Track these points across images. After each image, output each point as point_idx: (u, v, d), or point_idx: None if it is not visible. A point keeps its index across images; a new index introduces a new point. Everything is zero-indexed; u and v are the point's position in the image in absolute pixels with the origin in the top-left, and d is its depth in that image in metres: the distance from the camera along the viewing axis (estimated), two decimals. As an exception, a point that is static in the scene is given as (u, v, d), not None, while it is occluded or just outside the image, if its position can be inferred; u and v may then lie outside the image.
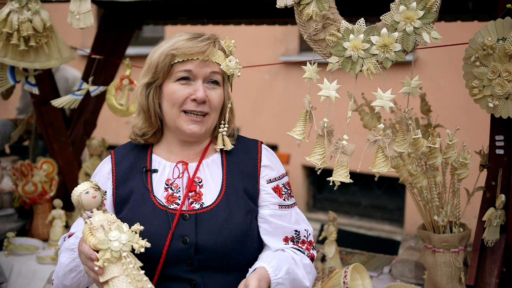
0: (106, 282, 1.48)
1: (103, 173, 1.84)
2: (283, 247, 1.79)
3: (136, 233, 1.52)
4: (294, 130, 1.87)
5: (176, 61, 1.72)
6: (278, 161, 1.89)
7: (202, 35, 1.75)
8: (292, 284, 1.70)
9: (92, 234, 1.53)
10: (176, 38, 1.75)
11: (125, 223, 1.55)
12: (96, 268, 1.46)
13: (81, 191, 1.59)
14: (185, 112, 1.74)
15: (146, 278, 1.49)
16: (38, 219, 3.07)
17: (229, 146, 1.81)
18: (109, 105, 2.91)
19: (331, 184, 1.80)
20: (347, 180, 1.78)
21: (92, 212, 1.58)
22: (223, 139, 1.82)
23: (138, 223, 1.54)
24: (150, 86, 1.77)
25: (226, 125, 1.82)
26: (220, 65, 1.76)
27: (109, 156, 1.86)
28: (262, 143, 1.89)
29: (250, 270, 1.70)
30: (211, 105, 1.75)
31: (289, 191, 1.86)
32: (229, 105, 1.82)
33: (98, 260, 1.47)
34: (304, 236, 1.83)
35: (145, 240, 1.50)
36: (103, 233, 1.51)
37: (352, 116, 1.86)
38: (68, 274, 1.71)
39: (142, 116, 1.81)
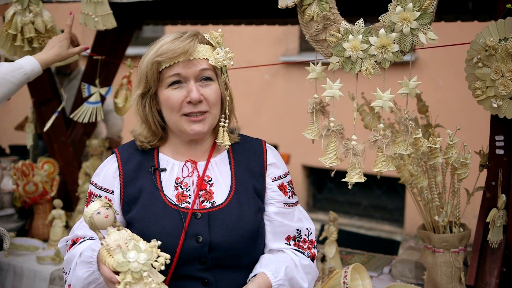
0: None
1: (109, 172, 1.81)
2: (284, 248, 1.80)
3: (156, 248, 1.52)
4: (307, 130, 1.91)
5: (163, 67, 1.70)
6: (282, 159, 1.91)
7: (184, 34, 1.72)
8: (290, 283, 1.73)
9: (110, 255, 1.51)
10: (160, 42, 1.73)
11: (142, 240, 1.54)
12: None
13: (92, 212, 1.56)
14: (185, 115, 1.73)
15: None
16: (38, 219, 3.07)
17: (226, 141, 1.79)
18: (116, 109, 2.94)
19: (349, 186, 1.83)
20: (362, 180, 1.82)
21: (108, 231, 1.57)
22: (223, 134, 1.80)
23: (155, 239, 1.54)
24: (145, 96, 1.76)
25: (227, 120, 1.81)
26: (209, 60, 1.73)
27: (114, 155, 1.84)
28: (266, 142, 1.90)
29: (251, 275, 1.72)
30: (209, 102, 1.73)
31: (292, 189, 1.88)
32: (227, 98, 1.80)
33: (119, 283, 1.47)
34: (305, 235, 1.85)
35: (164, 257, 1.51)
36: (121, 254, 1.50)
37: (352, 116, 1.87)
38: (86, 286, 1.68)
39: (144, 126, 1.81)
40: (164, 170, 1.79)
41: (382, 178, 6.13)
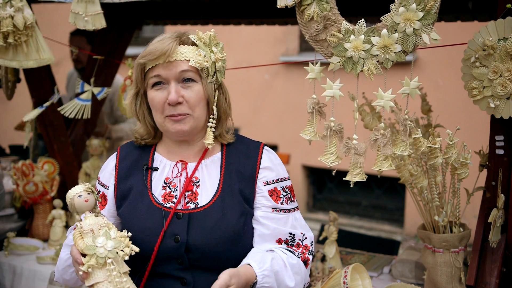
0: (92, 286, 1.52)
1: (108, 169, 1.88)
2: (273, 247, 1.77)
3: (125, 239, 1.56)
4: (305, 130, 1.89)
5: (147, 69, 1.74)
6: (281, 164, 1.86)
7: (170, 35, 1.74)
8: (276, 278, 1.68)
9: (81, 238, 1.56)
10: (151, 43, 1.76)
11: (113, 229, 1.58)
12: (81, 273, 1.51)
13: (74, 194, 1.63)
14: (167, 116, 1.76)
15: (129, 285, 1.54)
16: (39, 219, 3.07)
17: (209, 140, 1.75)
18: (121, 110, 2.95)
19: (351, 185, 1.83)
20: (363, 178, 1.82)
21: (85, 215, 1.62)
22: (209, 134, 1.77)
23: (125, 230, 1.59)
24: (137, 96, 1.82)
25: (214, 121, 1.77)
26: (190, 61, 1.73)
27: (116, 152, 1.90)
28: (265, 145, 1.88)
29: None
30: (189, 104, 1.73)
31: (289, 195, 1.82)
32: (215, 99, 1.76)
33: (83, 264, 1.51)
34: (299, 240, 1.80)
35: (130, 248, 1.55)
36: (91, 238, 1.54)
37: (351, 116, 1.87)
38: (67, 269, 1.75)
39: (141, 124, 1.87)
40: (156, 169, 1.82)
41: (382, 178, 6.13)
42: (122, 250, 1.53)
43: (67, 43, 4.45)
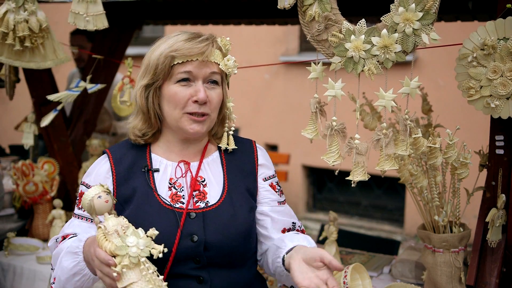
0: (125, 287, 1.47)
1: (100, 172, 1.81)
2: (281, 236, 1.84)
3: (152, 238, 1.52)
4: (306, 129, 1.91)
5: (175, 63, 1.72)
6: (270, 160, 1.96)
7: (200, 35, 1.75)
8: None
9: (106, 240, 1.51)
10: (174, 38, 1.74)
11: (140, 228, 1.54)
12: (115, 274, 1.45)
13: (93, 196, 1.56)
14: (187, 113, 1.74)
15: (165, 283, 1.50)
16: (38, 219, 3.07)
17: (232, 145, 1.85)
18: (115, 108, 2.95)
19: (353, 184, 1.84)
20: (365, 178, 1.84)
21: (104, 217, 1.57)
22: (228, 138, 1.85)
23: (153, 228, 1.53)
24: (150, 87, 1.76)
25: (233, 125, 1.86)
26: (219, 64, 1.77)
27: (105, 155, 1.84)
28: (255, 142, 1.93)
29: (285, 249, 1.71)
30: (211, 106, 1.76)
31: (281, 189, 1.94)
32: (231, 104, 1.85)
33: (116, 266, 1.46)
34: (298, 226, 1.92)
35: (162, 245, 1.50)
36: (118, 239, 1.49)
37: (352, 116, 1.88)
38: (71, 278, 1.67)
39: (141, 117, 1.81)
40: (157, 170, 1.80)
41: (382, 178, 6.12)
42: (153, 248, 1.50)
43: (67, 43, 4.45)
